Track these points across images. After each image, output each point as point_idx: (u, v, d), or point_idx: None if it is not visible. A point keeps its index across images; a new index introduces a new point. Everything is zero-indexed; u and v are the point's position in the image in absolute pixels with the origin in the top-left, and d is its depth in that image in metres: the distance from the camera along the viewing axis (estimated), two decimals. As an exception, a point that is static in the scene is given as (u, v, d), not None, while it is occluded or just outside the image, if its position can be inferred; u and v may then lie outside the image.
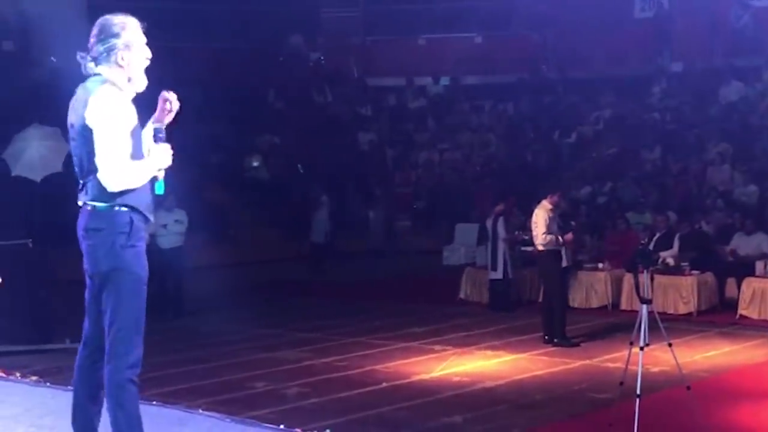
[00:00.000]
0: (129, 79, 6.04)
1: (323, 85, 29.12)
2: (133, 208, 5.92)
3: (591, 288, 17.81)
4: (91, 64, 6.00)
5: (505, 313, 17.53)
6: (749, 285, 16.42)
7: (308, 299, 19.13)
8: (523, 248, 18.67)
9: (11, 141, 17.39)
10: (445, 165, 26.41)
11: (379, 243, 22.64)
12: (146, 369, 13.20)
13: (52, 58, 23.74)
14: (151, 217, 6.03)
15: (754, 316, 16.13)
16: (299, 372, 13.13)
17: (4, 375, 10.53)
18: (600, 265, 17.99)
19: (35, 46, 24.23)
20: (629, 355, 11.53)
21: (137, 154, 5.92)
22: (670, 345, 11.64)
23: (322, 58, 29.96)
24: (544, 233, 14.57)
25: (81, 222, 6.00)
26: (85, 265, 5.95)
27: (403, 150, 27.70)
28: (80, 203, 6.00)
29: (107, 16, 6.07)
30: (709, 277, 17.19)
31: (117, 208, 5.90)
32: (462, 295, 19.01)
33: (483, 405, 11.43)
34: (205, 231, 21.34)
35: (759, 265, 16.48)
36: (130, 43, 5.97)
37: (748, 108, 23.65)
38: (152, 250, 17.72)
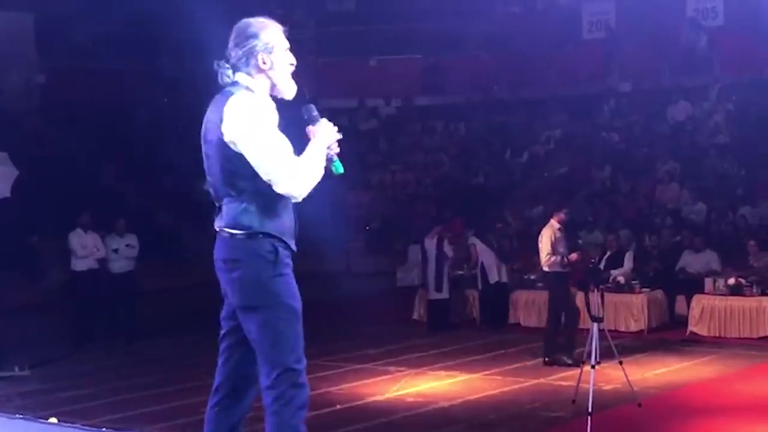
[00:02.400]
0: (272, 86, 5.65)
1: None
2: (274, 236, 5.44)
3: (543, 307, 17.84)
4: (229, 72, 5.54)
5: (446, 333, 17.63)
6: (699, 302, 16.60)
7: None
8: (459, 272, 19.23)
9: None
10: (398, 186, 26.46)
11: (331, 264, 22.32)
12: (99, 395, 13.21)
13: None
14: (294, 246, 5.53)
15: (704, 333, 16.31)
16: None
17: None
18: (551, 285, 18.10)
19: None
20: (581, 373, 11.66)
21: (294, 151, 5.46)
22: (621, 363, 11.81)
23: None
24: (548, 254, 14.30)
25: (219, 251, 5.50)
26: (230, 298, 5.49)
27: (355, 171, 27.57)
28: (216, 228, 5.50)
29: (244, 19, 5.66)
30: (659, 294, 17.35)
31: (258, 237, 5.42)
32: (416, 316, 19.16)
33: (438, 425, 11.41)
34: (156, 255, 21.28)
35: (708, 283, 16.65)
36: (271, 44, 5.56)
37: (696, 127, 23.91)
38: (103, 274, 17.85)
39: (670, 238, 19.03)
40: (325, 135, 5.64)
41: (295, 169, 5.38)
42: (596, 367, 11.35)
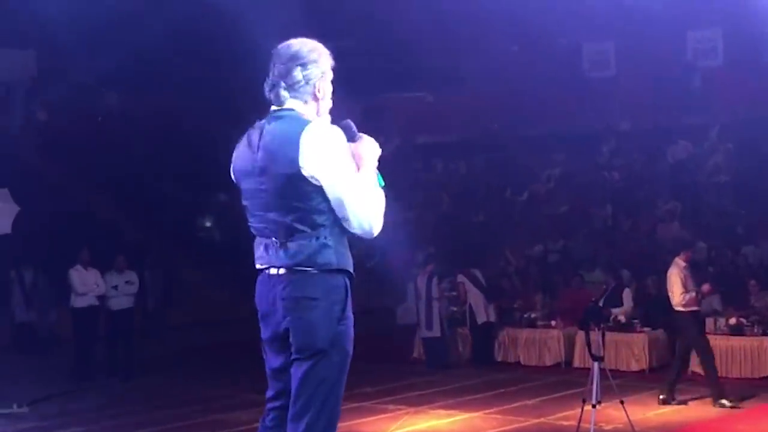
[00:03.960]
0: (318, 113, 5.36)
1: None
2: (347, 272, 5.27)
3: (544, 345, 17.86)
4: (285, 93, 5.26)
5: (443, 371, 17.62)
6: (700, 342, 16.48)
7: (261, 360, 18.63)
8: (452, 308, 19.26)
9: None
10: (398, 223, 26.33)
11: None
12: None
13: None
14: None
15: (706, 372, 16.20)
16: None
17: None
18: (553, 323, 18.08)
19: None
20: (582, 412, 11.60)
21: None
22: (622, 402, 11.74)
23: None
24: (682, 293, 14.05)
25: (290, 289, 5.14)
26: (289, 338, 5.14)
27: (354, 209, 27.57)
28: (271, 266, 5.17)
29: (301, 40, 5.46)
30: (660, 334, 17.27)
31: (335, 274, 5.20)
32: (415, 354, 19.05)
33: (437, 465, 11.38)
34: (155, 292, 21.27)
35: (709, 322, 16.53)
36: (326, 72, 5.38)
37: (696, 166, 23.93)
38: (102, 312, 17.80)
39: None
40: (371, 155, 5.39)
41: (373, 206, 5.20)
42: (597, 406, 11.31)
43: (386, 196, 20.02)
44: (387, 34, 27.43)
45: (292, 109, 5.26)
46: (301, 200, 5.14)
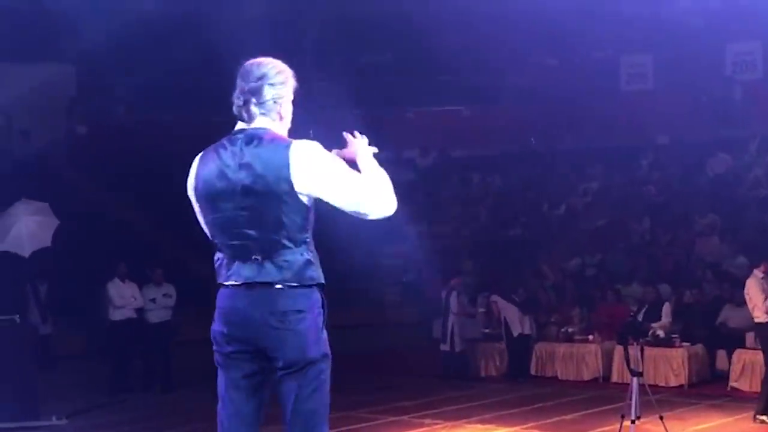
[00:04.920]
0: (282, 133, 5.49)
1: None
2: (322, 285, 5.37)
3: (582, 360, 17.79)
4: (256, 110, 5.35)
5: (453, 383, 17.75)
6: (740, 357, 16.37)
7: None
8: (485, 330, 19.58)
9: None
10: (435, 237, 26.38)
11: (367, 315, 22.43)
12: None
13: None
14: None
15: (745, 388, 16.04)
16: None
17: None
18: (590, 337, 18.00)
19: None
20: (621, 428, 11.54)
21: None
22: (661, 418, 11.69)
23: (311, 131, 29.82)
24: (765, 301, 13.77)
25: (278, 303, 5.26)
26: (272, 350, 5.26)
27: (392, 223, 27.44)
28: (252, 282, 5.26)
29: (270, 60, 5.51)
30: (700, 349, 17.17)
31: (315, 288, 5.34)
32: (471, 370, 19.12)
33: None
34: (192, 304, 21.28)
35: (749, 337, 16.40)
36: (291, 94, 5.48)
37: (736, 180, 23.76)
38: (140, 324, 17.92)
39: (711, 291, 18.84)
40: (362, 148, 5.67)
41: (381, 189, 5.43)
42: (636, 422, 11.25)
43: (422, 211, 19.85)
44: (424, 48, 27.48)
45: (265, 128, 5.35)
46: (289, 217, 5.22)
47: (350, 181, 5.33)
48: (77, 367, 18.49)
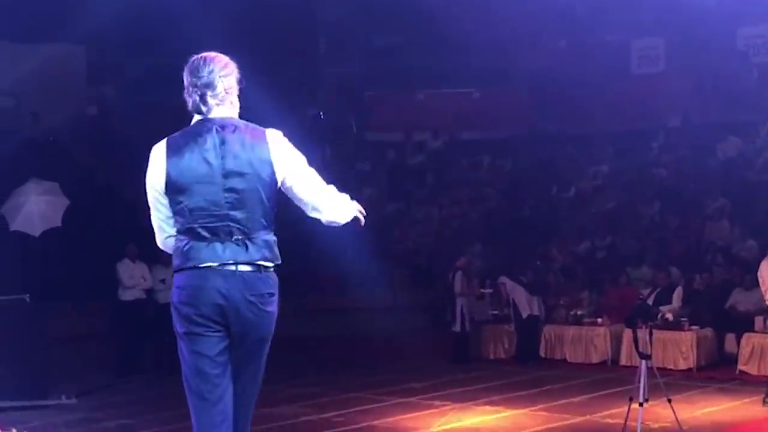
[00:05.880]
0: None
1: (323, 140, 28.82)
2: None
3: (590, 343, 17.83)
4: (212, 101, 5.63)
5: (463, 366, 17.87)
6: (749, 341, 16.37)
7: (305, 354, 18.83)
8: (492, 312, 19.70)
9: (10, 196, 17.20)
10: (445, 220, 26.40)
11: (376, 299, 22.21)
12: (143, 425, 13.18)
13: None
14: None
15: (754, 371, 16.04)
16: (297, 428, 12.96)
17: (1, 430, 10.68)
18: (599, 320, 18.00)
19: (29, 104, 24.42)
20: (629, 410, 11.54)
21: None
22: (669, 401, 11.70)
23: (321, 113, 29.97)
24: None
25: (257, 286, 5.59)
26: (245, 329, 5.55)
27: (402, 205, 27.70)
28: (230, 263, 5.51)
29: (215, 54, 5.78)
30: (709, 332, 17.16)
31: (273, 268, 5.67)
32: (482, 352, 19.27)
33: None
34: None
35: (758, 321, 16.42)
36: (237, 84, 5.73)
37: (746, 163, 23.70)
38: (150, 305, 18.29)
39: (720, 275, 18.82)
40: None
41: (338, 195, 5.72)
42: (644, 404, 11.25)
43: (432, 193, 19.71)
44: (434, 31, 27.38)
45: (230, 116, 5.66)
46: (269, 199, 5.55)
47: (314, 175, 5.67)
48: (86, 348, 18.36)
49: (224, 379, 5.60)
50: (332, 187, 5.74)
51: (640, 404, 11.15)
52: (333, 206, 5.73)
